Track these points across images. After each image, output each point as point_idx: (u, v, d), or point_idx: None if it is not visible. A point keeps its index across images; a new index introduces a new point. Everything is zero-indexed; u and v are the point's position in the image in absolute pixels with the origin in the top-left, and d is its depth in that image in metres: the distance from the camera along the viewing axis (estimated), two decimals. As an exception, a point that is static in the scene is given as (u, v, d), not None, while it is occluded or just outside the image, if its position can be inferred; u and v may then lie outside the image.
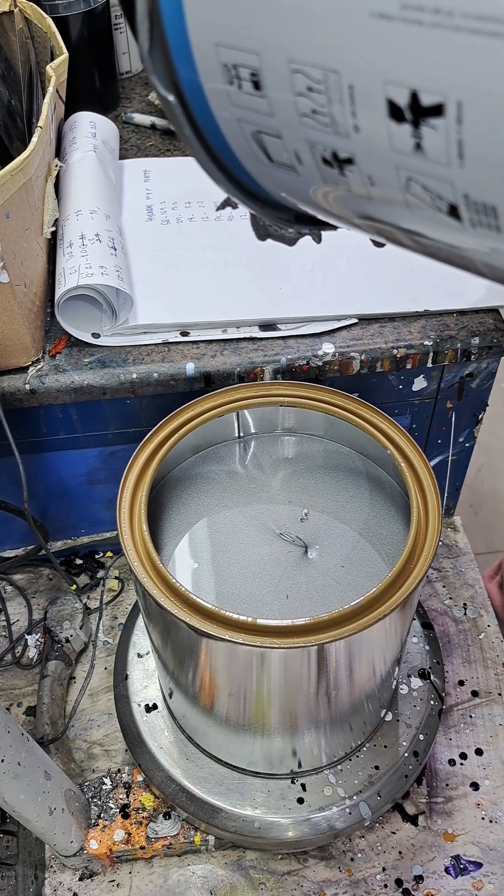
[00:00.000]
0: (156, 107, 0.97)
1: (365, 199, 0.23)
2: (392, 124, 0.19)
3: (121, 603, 0.87)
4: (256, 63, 0.22)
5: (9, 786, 0.55)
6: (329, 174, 0.23)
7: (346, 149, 0.21)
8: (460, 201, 0.20)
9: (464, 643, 0.83)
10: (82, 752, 0.76)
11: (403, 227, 0.23)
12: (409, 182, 0.20)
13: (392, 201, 0.22)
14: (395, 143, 0.20)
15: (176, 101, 0.25)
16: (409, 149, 0.20)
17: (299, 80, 0.21)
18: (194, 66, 0.23)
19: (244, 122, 0.24)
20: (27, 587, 0.88)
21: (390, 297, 0.74)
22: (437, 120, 0.18)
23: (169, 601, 0.53)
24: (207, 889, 0.67)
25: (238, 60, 0.22)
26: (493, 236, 0.20)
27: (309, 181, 0.24)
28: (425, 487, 0.60)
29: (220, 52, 0.22)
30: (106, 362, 0.70)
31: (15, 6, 0.77)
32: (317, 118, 0.21)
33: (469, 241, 0.21)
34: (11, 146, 0.77)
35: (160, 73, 0.24)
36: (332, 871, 0.68)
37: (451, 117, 0.18)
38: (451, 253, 0.23)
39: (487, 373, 0.77)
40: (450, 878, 0.68)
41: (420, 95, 0.18)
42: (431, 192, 0.20)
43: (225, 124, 0.25)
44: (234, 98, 0.23)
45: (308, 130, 0.22)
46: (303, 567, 0.61)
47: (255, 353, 0.70)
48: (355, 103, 0.20)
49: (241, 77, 0.22)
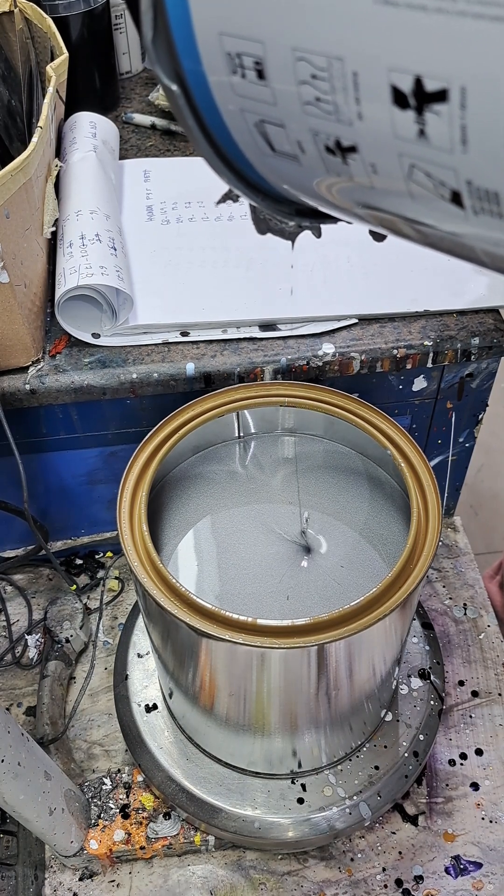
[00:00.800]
0: (156, 107, 0.97)
1: (367, 188, 0.23)
2: (396, 111, 0.19)
3: (121, 603, 0.87)
4: (260, 52, 0.21)
5: (9, 786, 0.55)
6: (332, 163, 0.23)
7: (350, 137, 0.21)
8: (463, 188, 0.20)
9: (464, 643, 0.83)
10: (82, 752, 0.76)
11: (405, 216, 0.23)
12: (412, 169, 0.20)
13: (395, 189, 0.22)
14: (398, 130, 0.20)
15: (179, 92, 0.25)
16: (412, 136, 0.20)
17: (303, 68, 0.21)
18: (198, 55, 0.23)
19: (247, 111, 0.23)
20: (27, 587, 0.88)
21: (390, 297, 0.74)
22: (441, 106, 0.18)
23: (169, 601, 0.53)
24: (207, 889, 0.67)
25: (242, 49, 0.22)
26: (494, 223, 0.20)
27: (311, 171, 0.24)
28: (425, 487, 0.60)
29: (224, 42, 0.22)
30: (106, 362, 0.70)
31: (15, 6, 0.77)
32: (320, 106, 0.21)
33: (471, 228, 0.21)
34: (11, 146, 0.77)
35: (164, 63, 0.24)
36: (332, 872, 0.68)
37: (454, 103, 0.18)
38: (453, 242, 0.23)
39: (487, 373, 0.77)
40: (450, 879, 0.68)
41: (424, 81, 0.18)
42: (434, 180, 0.20)
43: (228, 114, 0.25)
44: (238, 87, 0.23)
45: (311, 119, 0.22)
46: (303, 567, 0.61)
47: (255, 354, 0.70)
48: (359, 90, 0.20)
49: (244, 66, 0.22)
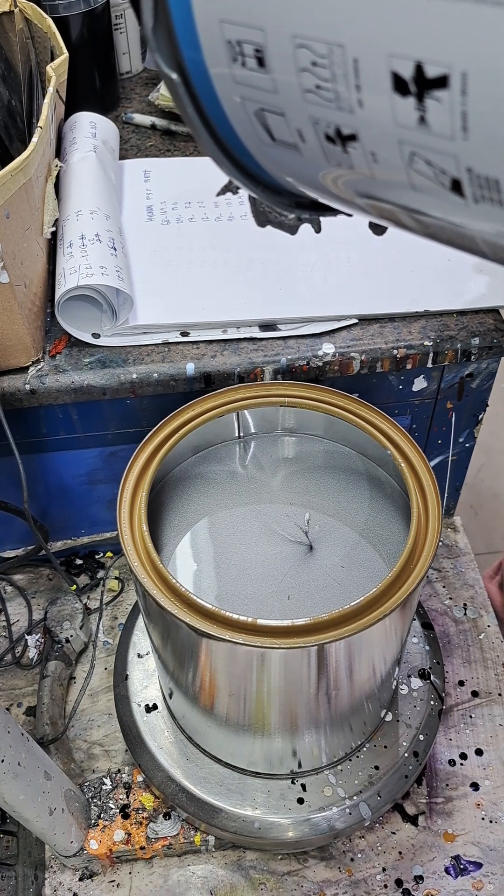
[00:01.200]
0: (156, 107, 0.97)
1: (367, 177, 0.23)
2: (396, 98, 0.19)
3: (121, 603, 0.87)
4: (261, 39, 0.21)
5: (9, 786, 0.54)
6: (332, 152, 0.23)
7: (350, 125, 0.21)
8: (463, 176, 0.20)
9: (464, 643, 0.83)
10: (82, 752, 0.75)
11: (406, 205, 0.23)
12: (413, 157, 0.20)
13: (395, 178, 0.22)
14: (398, 118, 0.20)
15: (179, 80, 0.24)
16: (412, 123, 0.20)
17: (304, 56, 0.21)
18: (198, 43, 0.23)
19: (247, 100, 0.23)
20: (27, 587, 0.88)
21: (390, 297, 0.74)
22: (442, 92, 0.18)
23: (169, 601, 0.53)
24: (207, 889, 0.67)
25: (242, 37, 0.22)
26: (495, 212, 0.20)
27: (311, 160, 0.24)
28: (425, 487, 0.60)
29: (225, 29, 0.22)
30: (106, 362, 0.69)
31: (15, 6, 0.77)
32: (320, 94, 0.21)
33: (471, 217, 0.21)
34: (11, 146, 0.77)
35: (164, 52, 0.24)
36: (332, 872, 0.68)
37: (455, 89, 0.18)
38: (453, 232, 0.23)
39: (487, 373, 0.77)
40: (450, 879, 0.68)
41: (425, 67, 0.18)
42: (435, 167, 0.20)
43: (228, 103, 0.24)
44: (238, 76, 0.23)
45: (311, 107, 0.22)
46: (303, 567, 0.61)
47: (256, 354, 0.70)
48: (360, 77, 0.20)
49: (244, 54, 0.22)
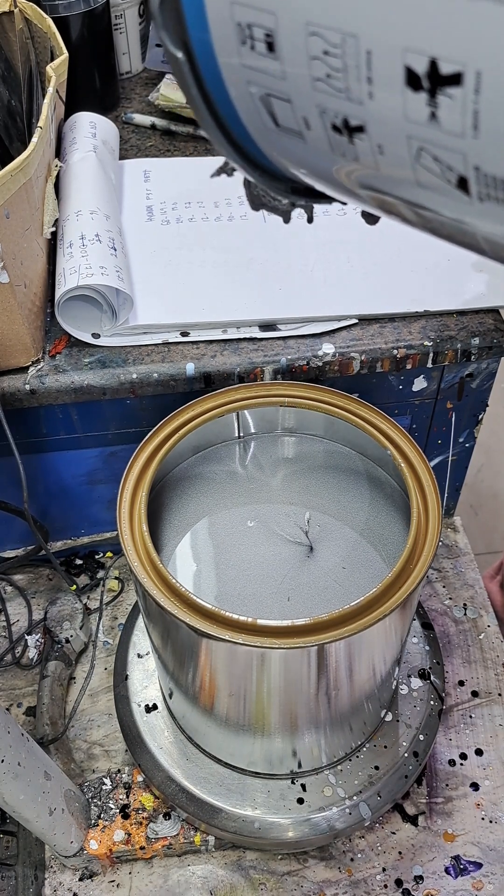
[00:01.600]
0: (156, 107, 0.97)
1: (372, 169, 0.23)
2: (408, 92, 0.19)
3: (121, 603, 0.87)
4: (272, 24, 0.21)
5: (9, 786, 0.54)
6: (337, 142, 0.23)
7: (359, 116, 0.21)
8: (471, 174, 0.20)
9: (464, 643, 0.83)
10: (82, 752, 0.75)
11: (409, 199, 0.23)
12: (421, 152, 0.20)
13: (400, 172, 0.22)
14: (409, 113, 0.20)
15: (184, 59, 0.24)
16: (423, 118, 0.19)
17: (315, 44, 0.21)
18: (206, 24, 0.23)
19: (254, 84, 0.23)
20: (27, 587, 0.88)
21: (390, 297, 0.74)
22: (455, 89, 0.18)
23: (169, 601, 0.53)
24: (207, 889, 0.67)
25: (253, 20, 0.21)
26: (499, 211, 0.20)
27: (315, 148, 0.24)
28: (425, 488, 0.60)
29: (235, 11, 0.22)
30: (106, 362, 0.69)
31: (15, 6, 0.77)
32: (330, 83, 0.21)
33: (475, 215, 0.21)
34: (11, 146, 0.77)
35: (170, 30, 0.24)
36: (332, 872, 0.68)
37: (468, 87, 0.18)
38: (454, 228, 0.23)
39: (487, 373, 0.77)
40: (450, 879, 0.68)
41: (439, 64, 0.18)
42: (442, 164, 0.20)
43: (233, 86, 0.24)
44: (246, 59, 0.23)
45: (320, 95, 0.22)
46: (303, 568, 0.61)
47: (255, 354, 0.70)
48: (372, 69, 0.20)
49: (254, 37, 0.22)
